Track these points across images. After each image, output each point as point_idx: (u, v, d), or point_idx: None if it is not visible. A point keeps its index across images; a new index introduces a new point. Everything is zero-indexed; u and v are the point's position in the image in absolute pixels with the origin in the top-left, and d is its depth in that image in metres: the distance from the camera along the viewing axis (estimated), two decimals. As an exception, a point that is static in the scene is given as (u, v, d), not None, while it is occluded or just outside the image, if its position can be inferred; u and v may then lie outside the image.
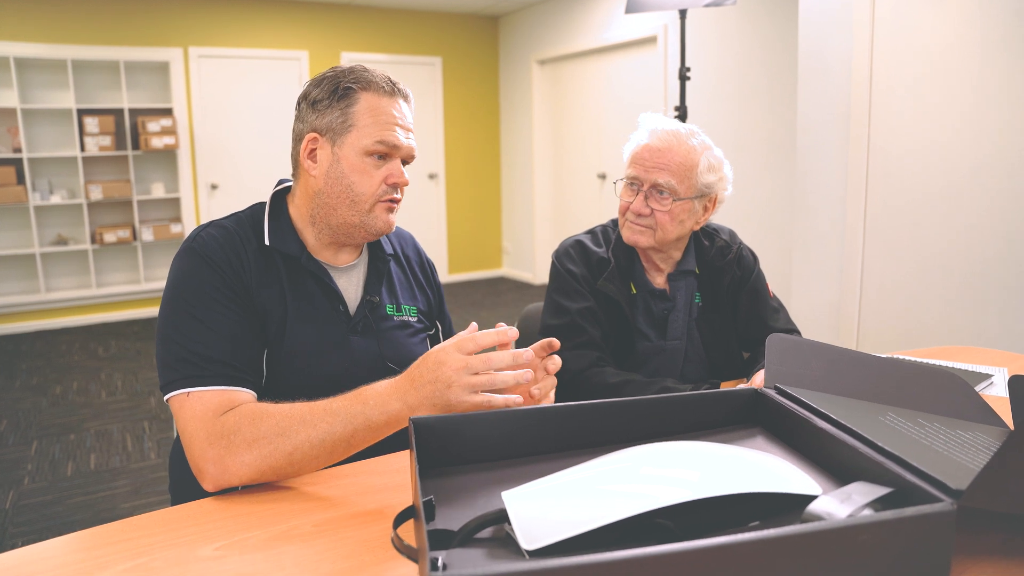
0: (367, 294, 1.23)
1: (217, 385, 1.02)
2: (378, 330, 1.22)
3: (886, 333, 2.98)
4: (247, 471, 0.95)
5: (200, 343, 1.04)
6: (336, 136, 1.14)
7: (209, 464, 0.96)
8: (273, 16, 5.90)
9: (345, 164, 1.14)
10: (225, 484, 0.96)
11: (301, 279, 1.17)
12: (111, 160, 5.46)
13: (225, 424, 0.98)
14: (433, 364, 0.93)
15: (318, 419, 0.96)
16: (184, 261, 1.10)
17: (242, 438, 0.96)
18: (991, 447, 0.86)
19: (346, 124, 1.13)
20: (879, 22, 2.83)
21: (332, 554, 0.80)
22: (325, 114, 1.14)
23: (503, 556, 0.69)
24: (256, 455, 0.95)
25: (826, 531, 0.62)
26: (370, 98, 1.14)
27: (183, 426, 1.00)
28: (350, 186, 1.14)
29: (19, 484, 2.82)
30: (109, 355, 4.67)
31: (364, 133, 1.13)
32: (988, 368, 1.52)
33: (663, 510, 0.68)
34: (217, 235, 1.12)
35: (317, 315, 1.17)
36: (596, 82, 5.85)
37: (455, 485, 0.85)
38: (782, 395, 0.98)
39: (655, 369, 1.51)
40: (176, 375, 1.03)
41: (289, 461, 0.96)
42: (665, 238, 1.45)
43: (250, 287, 1.11)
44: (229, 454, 0.95)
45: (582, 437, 0.94)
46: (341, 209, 1.16)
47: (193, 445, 0.98)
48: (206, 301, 1.07)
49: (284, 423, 0.96)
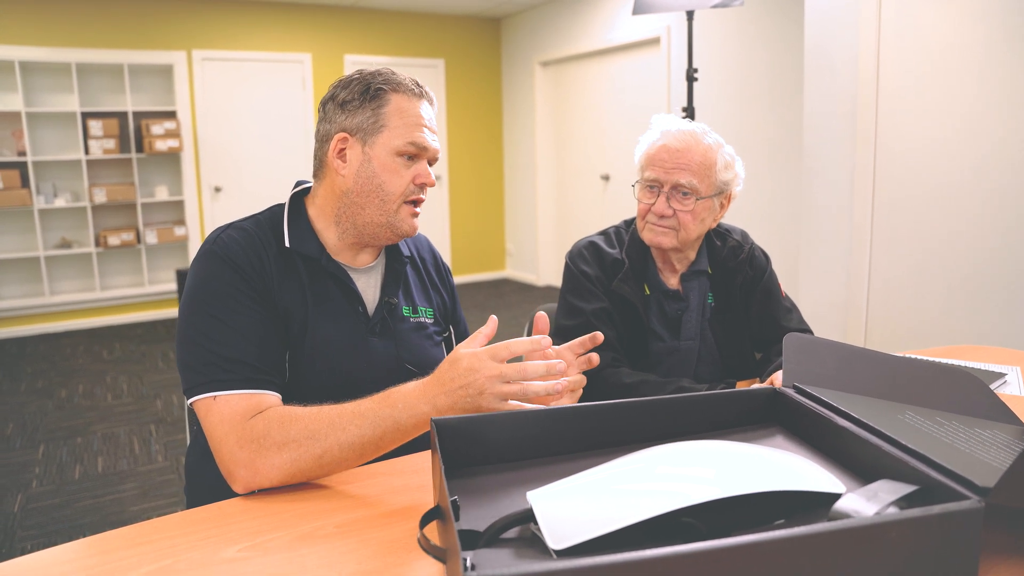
0: (385, 295, 1.23)
1: (244, 388, 1.02)
2: (396, 331, 1.23)
3: (894, 332, 2.98)
4: (277, 473, 0.96)
5: (225, 345, 1.04)
6: (367, 136, 1.15)
7: (240, 467, 0.96)
8: (276, 19, 5.91)
9: (376, 163, 1.15)
10: (255, 486, 0.97)
11: (321, 280, 1.17)
12: (115, 163, 5.46)
13: (255, 427, 0.98)
14: (465, 370, 0.93)
15: (347, 422, 0.96)
16: (205, 264, 1.10)
17: (272, 441, 0.96)
18: (1011, 445, 0.86)
19: (377, 124, 1.14)
20: (885, 21, 2.83)
21: (356, 555, 0.80)
22: (356, 114, 1.15)
23: (530, 556, 0.69)
24: (286, 458, 0.96)
25: (855, 529, 0.62)
26: (400, 100, 1.15)
27: (212, 430, 1.00)
28: (381, 185, 1.15)
29: (27, 487, 2.82)
30: (114, 358, 4.68)
31: (396, 134, 1.14)
32: (1001, 367, 1.52)
33: (689, 509, 0.68)
34: (238, 237, 1.12)
35: (337, 316, 1.17)
36: (599, 84, 5.85)
37: (477, 485, 0.85)
38: (801, 394, 0.98)
39: (668, 370, 1.51)
40: (202, 378, 1.03)
41: (319, 464, 0.96)
42: (688, 238, 1.46)
43: (272, 288, 1.12)
44: (259, 457, 0.96)
45: (602, 437, 0.94)
46: (369, 208, 1.16)
47: (223, 448, 0.98)
48: (229, 303, 1.07)
49: (313, 426, 0.97)
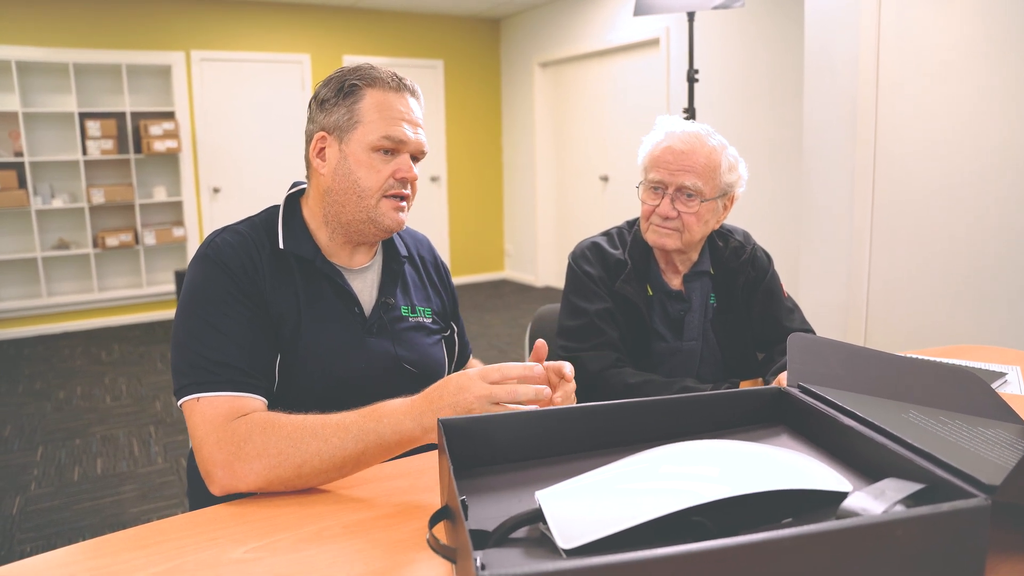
0: (382, 296, 1.23)
1: (227, 391, 1.02)
2: (393, 331, 1.22)
3: (894, 332, 2.99)
4: (255, 479, 0.95)
5: (213, 349, 1.04)
6: (343, 133, 1.15)
7: (217, 468, 0.96)
8: (275, 19, 5.91)
9: (352, 160, 1.15)
10: (232, 489, 0.96)
11: (316, 281, 1.17)
12: (113, 164, 5.45)
13: (236, 430, 0.98)
14: (455, 388, 0.93)
15: (330, 433, 0.95)
16: (199, 267, 1.11)
17: (252, 446, 0.96)
18: (1015, 444, 0.86)
19: (352, 121, 1.14)
20: (885, 23, 2.84)
21: (364, 555, 0.80)
22: (332, 112, 1.15)
23: (540, 555, 0.69)
24: (265, 464, 0.95)
25: (863, 527, 0.62)
26: (376, 94, 1.14)
27: (193, 430, 1.01)
28: (356, 182, 1.15)
29: (26, 490, 2.81)
30: (112, 359, 4.67)
31: (369, 129, 1.14)
32: (1001, 367, 1.52)
33: (698, 508, 0.69)
34: (232, 241, 1.13)
35: (332, 317, 1.17)
36: (598, 84, 5.85)
37: (483, 485, 0.85)
38: (806, 393, 0.98)
39: (671, 370, 1.51)
40: (187, 380, 1.03)
41: (298, 474, 0.95)
42: (692, 239, 1.46)
43: (264, 291, 1.12)
44: (238, 460, 0.95)
45: (608, 437, 0.94)
46: (349, 206, 1.16)
47: (203, 448, 0.98)
48: (220, 307, 1.07)
49: (295, 435, 0.96)
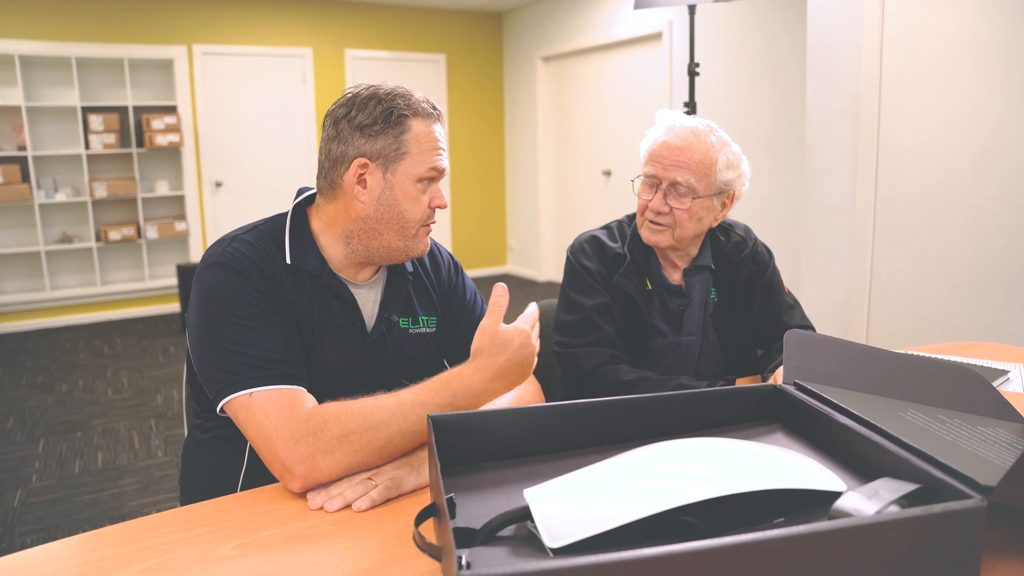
0: (384, 311, 1.22)
1: (282, 384, 1.01)
2: (394, 347, 1.23)
3: (896, 328, 2.97)
4: (337, 468, 0.95)
5: (255, 347, 1.03)
6: (389, 163, 1.13)
7: (298, 463, 0.94)
8: (277, 13, 5.89)
9: (398, 191, 1.14)
10: (314, 483, 0.95)
11: (323, 295, 1.17)
12: (115, 158, 5.45)
13: (310, 421, 0.97)
14: (519, 347, 1.03)
15: (408, 411, 0.98)
16: (216, 274, 1.08)
17: (331, 434, 0.95)
18: (1014, 443, 0.85)
19: (400, 152, 1.13)
20: (888, 15, 2.81)
21: (351, 552, 0.79)
22: (377, 140, 1.12)
23: (526, 554, 0.69)
24: (347, 450, 0.95)
25: (855, 528, 0.61)
26: (419, 124, 1.14)
27: (258, 427, 0.98)
28: (402, 213, 1.15)
29: (27, 482, 2.82)
30: (114, 353, 4.68)
31: (417, 160, 1.14)
32: (1004, 364, 1.51)
33: (687, 507, 0.68)
34: (245, 249, 1.11)
35: (337, 330, 1.17)
36: (600, 79, 5.83)
37: (473, 482, 0.84)
38: (802, 391, 0.97)
39: (670, 365, 1.50)
40: (236, 377, 1.01)
41: (380, 455, 0.97)
42: (683, 236, 1.45)
43: (287, 298, 1.11)
44: (319, 451, 0.94)
45: (600, 434, 0.93)
46: (388, 234, 1.16)
47: (277, 445, 0.95)
48: (251, 308, 1.06)
49: (373, 418, 0.97)
